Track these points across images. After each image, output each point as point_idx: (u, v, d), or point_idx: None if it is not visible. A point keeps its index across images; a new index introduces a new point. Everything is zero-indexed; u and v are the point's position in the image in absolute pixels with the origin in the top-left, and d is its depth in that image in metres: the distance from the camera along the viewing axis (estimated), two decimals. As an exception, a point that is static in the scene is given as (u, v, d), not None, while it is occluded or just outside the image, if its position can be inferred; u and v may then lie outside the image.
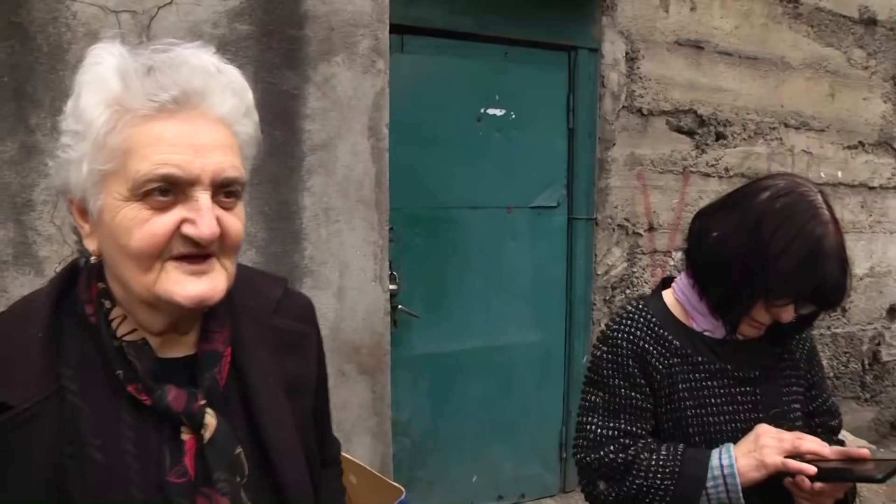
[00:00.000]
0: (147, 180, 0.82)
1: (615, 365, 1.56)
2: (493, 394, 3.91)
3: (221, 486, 0.89)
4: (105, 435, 0.86)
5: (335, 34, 2.90)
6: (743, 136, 4.47)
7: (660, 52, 4.12)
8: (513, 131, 3.76)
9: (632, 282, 4.22)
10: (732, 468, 1.42)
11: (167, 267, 0.85)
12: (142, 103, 0.83)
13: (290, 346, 1.06)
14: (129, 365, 0.88)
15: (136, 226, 0.83)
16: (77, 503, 0.83)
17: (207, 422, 0.90)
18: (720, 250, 1.49)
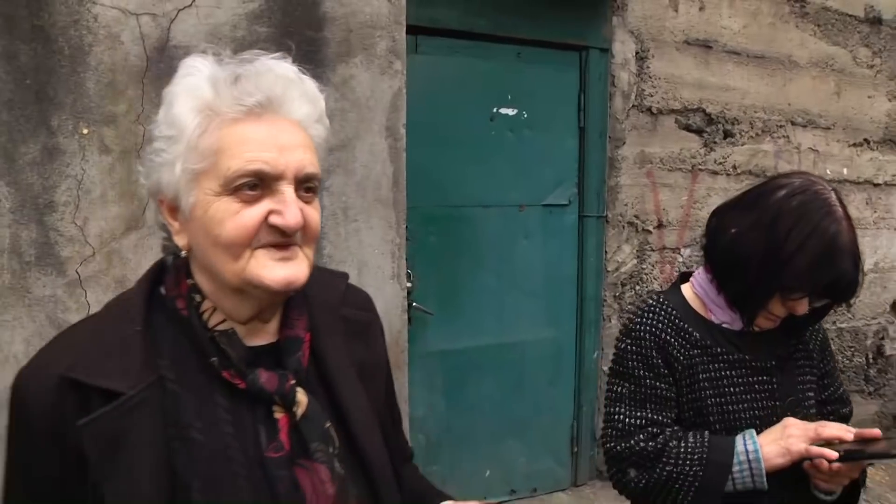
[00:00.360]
0: (238, 175, 0.89)
1: (639, 356, 1.62)
2: (505, 390, 3.95)
3: (318, 456, 0.98)
4: (204, 418, 0.93)
5: (353, 36, 2.94)
6: (750, 134, 4.51)
7: (669, 51, 4.16)
8: (525, 130, 3.81)
9: (641, 278, 4.26)
10: (758, 454, 1.48)
11: (256, 254, 0.91)
12: (231, 107, 0.91)
13: (357, 334, 1.13)
14: (221, 353, 0.95)
15: (227, 217, 0.90)
16: (187, 481, 0.89)
17: (299, 399, 0.98)
18: (738, 247, 1.54)
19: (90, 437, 0.86)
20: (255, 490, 0.93)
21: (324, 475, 0.98)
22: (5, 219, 2.60)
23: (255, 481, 0.93)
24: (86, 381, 0.87)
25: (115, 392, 0.87)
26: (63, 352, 0.92)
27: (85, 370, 0.88)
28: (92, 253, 2.71)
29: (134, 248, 2.76)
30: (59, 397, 0.88)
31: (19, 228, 2.62)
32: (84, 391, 0.88)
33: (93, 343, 0.92)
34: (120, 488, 0.85)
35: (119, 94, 2.71)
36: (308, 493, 0.96)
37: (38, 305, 2.65)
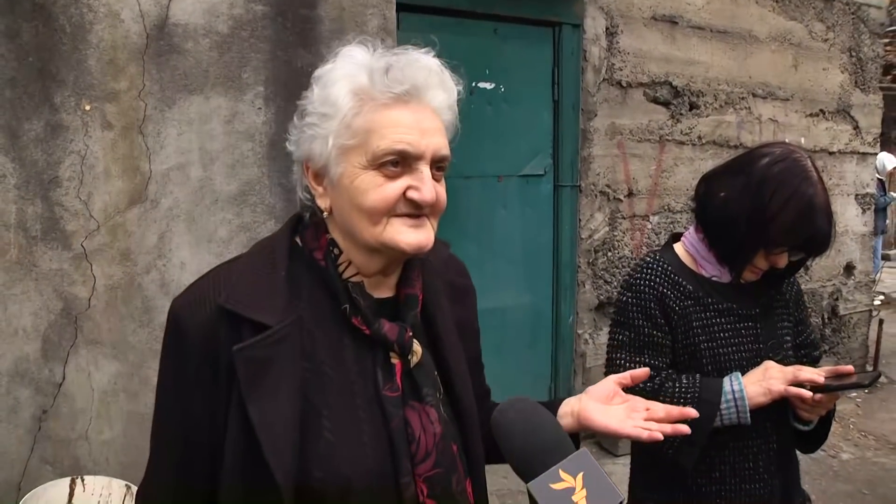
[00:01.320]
0: (385, 153, 1.01)
1: (639, 307, 1.81)
2: (486, 354, 4.05)
3: (429, 399, 1.11)
4: (333, 356, 1.06)
5: (346, 14, 3.05)
6: (714, 106, 4.72)
7: (637, 27, 4.34)
8: (502, 104, 3.96)
9: (613, 245, 4.46)
10: (742, 393, 1.69)
11: (392, 221, 1.04)
12: (383, 93, 1.02)
13: (459, 296, 1.27)
14: (352, 301, 1.07)
15: (372, 188, 1.02)
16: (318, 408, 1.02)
17: (415, 349, 1.10)
18: (727, 209, 1.73)
19: (242, 361, 0.97)
20: (372, 422, 1.05)
21: (433, 416, 1.10)
22: (11, 194, 2.67)
23: (372, 414, 1.05)
24: (241, 313, 0.99)
25: (264, 325, 0.99)
26: (220, 285, 1.03)
27: (239, 303, 1.00)
28: (97, 227, 2.79)
29: (137, 222, 2.84)
30: (215, 326, 1.00)
31: (25, 204, 2.69)
32: (237, 321, 0.99)
33: (244, 281, 1.04)
34: (263, 407, 0.97)
35: (120, 71, 2.79)
36: (416, 429, 1.07)
37: (45, 279, 2.73)
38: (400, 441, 1.06)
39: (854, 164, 5.67)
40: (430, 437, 1.09)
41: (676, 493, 1.81)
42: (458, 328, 1.23)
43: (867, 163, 5.79)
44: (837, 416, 4.89)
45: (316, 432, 1.02)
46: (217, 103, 2.91)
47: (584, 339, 4.43)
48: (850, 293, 5.83)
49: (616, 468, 4.11)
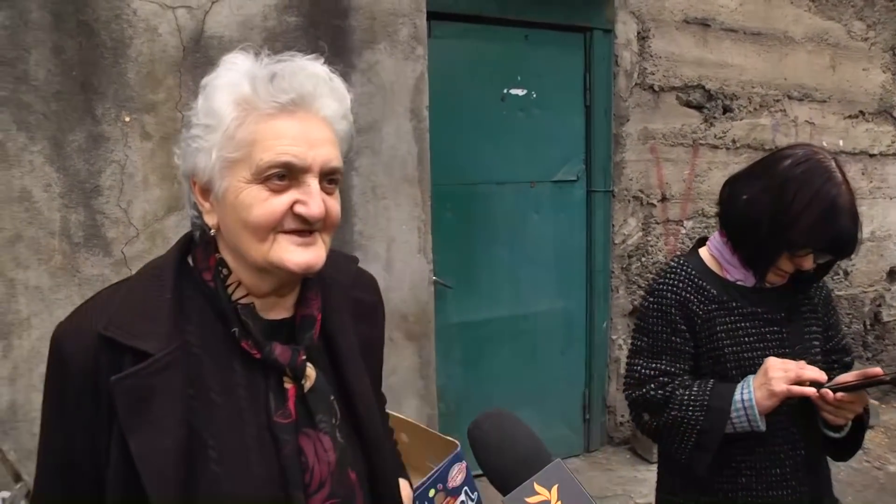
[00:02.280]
0: (270, 166, 0.97)
1: (660, 313, 1.81)
2: (520, 360, 4.14)
3: (323, 426, 1.07)
4: (222, 382, 1.01)
5: (377, 23, 3.10)
6: (749, 109, 4.67)
7: (669, 30, 4.32)
8: (534, 110, 3.98)
9: (647, 250, 4.44)
10: (752, 400, 1.67)
11: (279, 238, 0.99)
12: (267, 103, 0.98)
13: (363, 314, 1.22)
14: (242, 324, 1.03)
15: (256, 203, 0.98)
16: (204, 438, 0.98)
17: (308, 373, 1.06)
18: (750, 211, 1.72)
19: (121, 391, 0.93)
20: (262, 451, 1.01)
21: (327, 444, 1.06)
22: (55, 203, 2.75)
23: (263, 442, 1.01)
24: (121, 341, 0.95)
25: (146, 353, 0.95)
26: (100, 312, 0.99)
27: (119, 330, 0.96)
28: (136, 234, 2.87)
29: (175, 229, 2.91)
30: (95, 354, 0.95)
31: (68, 212, 2.77)
32: (118, 349, 0.95)
33: (127, 306, 0.99)
34: (144, 438, 0.93)
35: (158, 84, 2.86)
36: (310, 457, 1.03)
37: (88, 284, 2.81)
38: (293, 470, 1.02)
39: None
40: (324, 466, 1.05)
41: (702, 498, 1.81)
42: (363, 346, 1.20)
43: (910, 165, 5.67)
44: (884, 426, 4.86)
45: (202, 464, 0.97)
46: (252, 113, 2.97)
47: (618, 344, 4.41)
48: (894, 299, 5.71)
49: (650, 474, 4.09)
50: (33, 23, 2.67)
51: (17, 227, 2.72)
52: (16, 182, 2.70)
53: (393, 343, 3.28)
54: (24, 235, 2.73)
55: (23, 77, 2.68)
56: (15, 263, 2.72)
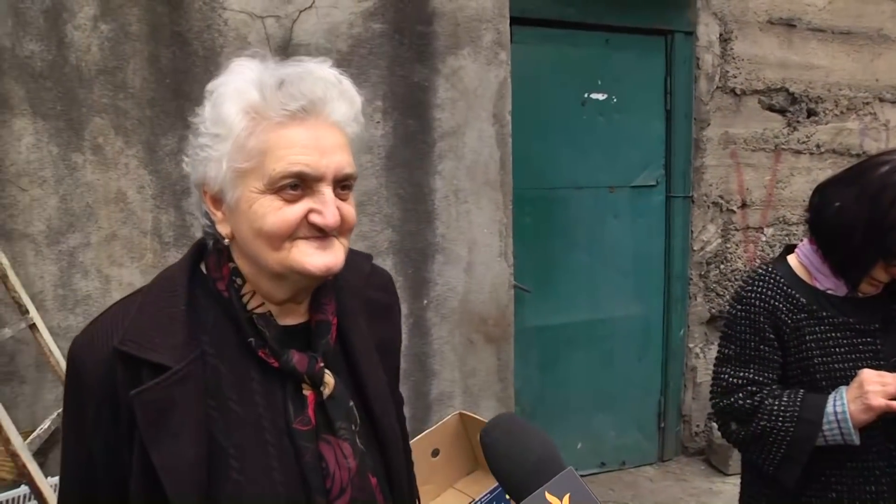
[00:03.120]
0: (282, 177, 0.95)
1: (748, 321, 1.77)
2: (596, 365, 4.10)
3: (342, 433, 1.05)
4: (239, 391, 1.01)
5: (461, 29, 3.12)
6: (835, 113, 4.53)
7: (752, 32, 4.22)
8: (614, 115, 3.94)
9: (725, 257, 4.35)
10: (845, 413, 1.62)
11: (296, 244, 0.98)
12: (276, 112, 0.96)
13: (380, 314, 1.22)
14: (258, 333, 1.02)
15: (270, 213, 0.96)
16: (224, 447, 0.97)
17: (327, 380, 1.05)
18: (843, 218, 1.67)
19: (141, 405, 0.92)
20: (283, 458, 1.00)
21: (347, 450, 1.05)
22: (148, 204, 2.86)
23: (283, 450, 1.00)
24: (137, 354, 0.94)
25: (163, 365, 0.94)
26: (115, 325, 0.97)
27: (135, 344, 0.95)
28: (224, 236, 2.95)
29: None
30: (111, 368, 0.94)
31: (160, 213, 2.88)
32: (134, 363, 0.94)
33: (142, 318, 0.98)
34: (166, 450, 0.92)
35: (247, 90, 2.94)
36: (331, 463, 1.02)
37: (178, 284, 2.90)
38: (313, 476, 1.01)
39: None
40: (344, 472, 1.04)
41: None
42: (380, 347, 1.18)
43: None
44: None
45: (223, 473, 0.97)
46: (337, 118, 3.03)
47: (695, 352, 4.33)
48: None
49: (725, 486, 4.01)
50: (132, 34, 2.78)
51: (112, 227, 2.83)
52: (112, 184, 2.81)
53: (472, 345, 3.29)
54: (119, 234, 2.84)
55: (121, 85, 2.78)
56: (110, 261, 2.83)
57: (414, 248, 3.17)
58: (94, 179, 2.79)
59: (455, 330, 3.29)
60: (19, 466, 2.06)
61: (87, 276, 2.81)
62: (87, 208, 2.79)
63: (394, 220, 3.12)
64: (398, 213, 3.12)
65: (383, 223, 3.11)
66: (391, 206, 3.12)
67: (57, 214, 2.76)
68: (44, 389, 2.79)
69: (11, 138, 2.69)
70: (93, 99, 2.76)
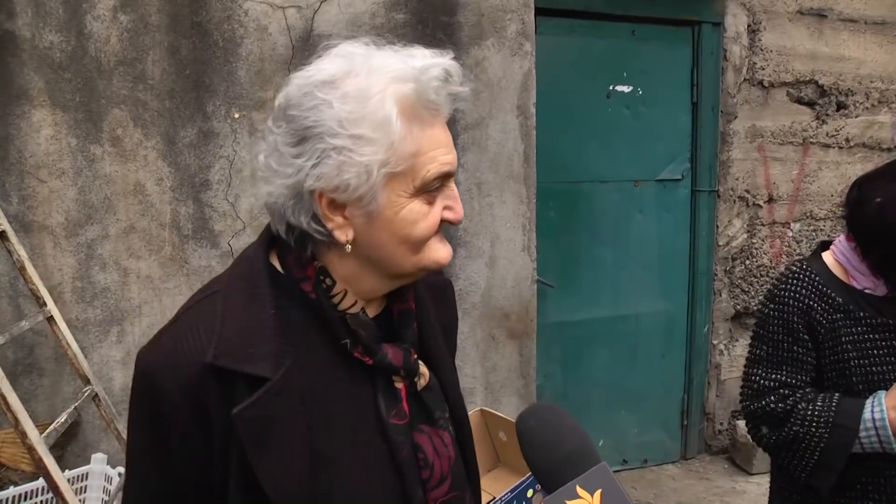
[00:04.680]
0: (435, 178, 0.92)
1: (781, 321, 1.71)
2: (619, 362, 4.05)
3: (441, 423, 1.04)
4: (332, 394, 0.96)
5: (485, 20, 3.06)
6: (865, 106, 4.43)
7: (781, 22, 4.13)
8: (640, 107, 3.87)
9: (751, 253, 4.27)
10: (885, 420, 1.56)
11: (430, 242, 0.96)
12: (428, 110, 0.91)
13: (439, 297, 1.19)
14: (353, 334, 0.97)
15: (420, 218, 0.93)
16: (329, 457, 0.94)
17: (422, 371, 1.03)
18: (884, 215, 1.61)
19: (244, 424, 0.87)
20: (377, 455, 0.97)
21: (447, 439, 1.03)
22: (167, 196, 2.83)
23: (376, 447, 0.98)
24: (234, 369, 0.88)
25: (260, 377, 0.88)
26: (204, 337, 0.90)
27: (230, 358, 0.88)
28: (242, 227, 2.92)
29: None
30: (204, 383, 0.88)
31: (178, 205, 2.85)
32: (228, 377, 0.88)
33: (232, 327, 0.91)
34: (272, 467, 0.88)
35: (267, 81, 2.90)
36: (430, 454, 1.00)
37: (195, 275, 2.88)
38: (410, 470, 0.99)
39: None
40: (444, 461, 1.02)
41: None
42: (444, 330, 1.16)
43: None
44: None
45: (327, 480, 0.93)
46: (359, 110, 2.98)
47: (720, 349, 4.26)
48: None
49: (749, 486, 3.94)
50: (152, 25, 2.74)
51: (131, 219, 2.80)
52: (131, 176, 2.79)
53: (494, 340, 3.25)
54: (138, 227, 2.81)
55: (140, 76, 2.75)
56: (129, 253, 2.81)
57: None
58: (112, 171, 2.77)
59: (477, 325, 3.24)
60: (35, 460, 2.03)
61: (106, 268, 2.79)
62: (105, 200, 2.77)
63: (414, 213, 3.07)
64: (419, 206, 3.07)
65: (405, 217, 3.06)
66: (412, 199, 3.07)
67: (75, 206, 2.74)
68: (62, 382, 2.78)
69: (30, 130, 2.67)
70: (112, 90, 2.74)
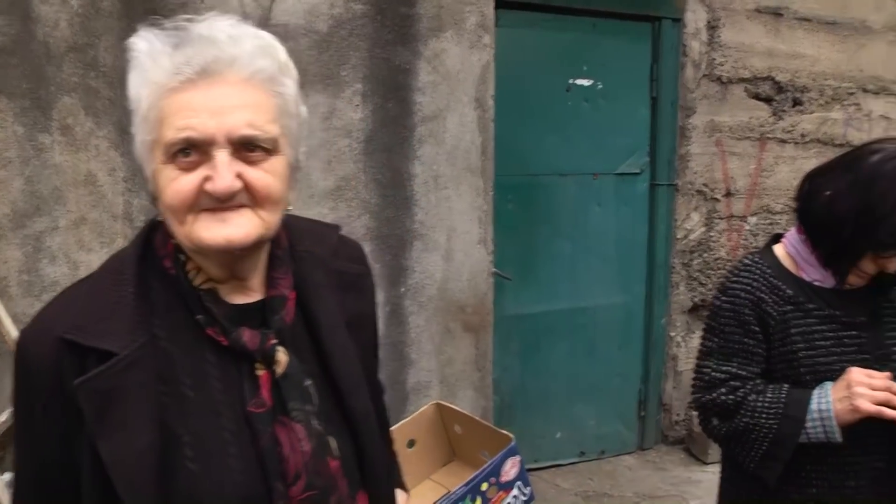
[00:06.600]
0: (172, 144, 0.91)
1: (732, 313, 1.73)
2: (577, 354, 4.08)
3: (296, 414, 1.01)
4: (194, 374, 0.97)
5: (444, 11, 3.05)
6: (820, 102, 4.50)
7: (740, 20, 4.18)
8: (599, 101, 3.89)
9: (709, 246, 4.32)
10: (830, 412, 1.58)
11: (200, 217, 0.93)
12: (170, 78, 0.91)
13: (349, 286, 1.16)
14: (206, 310, 0.98)
15: (168, 184, 0.92)
16: (178, 435, 0.94)
17: (279, 358, 1.01)
18: (833, 208, 1.63)
19: (86, 395, 0.89)
20: (239, 443, 0.97)
21: (300, 433, 1.01)
22: (119, 187, 2.78)
23: (239, 434, 0.97)
24: (82, 342, 0.91)
25: (109, 352, 0.91)
26: (61, 313, 0.95)
27: (81, 332, 0.92)
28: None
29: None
30: (58, 357, 0.91)
31: (131, 196, 2.80)
32: (81, 352, 0.91)
33: (89, 304, 0.95)
34: (114, 441, 0.89)
35: (223, 70, 2.85)
36: (286, 448, 0.99)
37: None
38: (271, 461, 0.98)
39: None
40: (298, 456, 1.00)
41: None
42: (351, 321, 1.13)
43: None
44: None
45: (178, 462, 0.93)
46: (315, 100, 2.95)
47: (677, 341, 4.32)
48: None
49: (705, 476, 4.00)
50: (104, 10, 2.68)
51: (81, 210, 2.75)
52: (82, 166, 2.73)
53: (450, 333, 3.25)
54: (89, 218, 2.76)
55: (92, 63, 2.69)
56: (79, 246, 2.76)
57: (392, 234, 3.11)
58: (62, 161, 2.71)
59: (433, 318, 3.24)
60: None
61: (55, 261, 2.73)
62: (55, 191, 2.70)
63: (371, 205, 3.06)
64: (376, 198, 3.06)
65: (361, 209, 3.05)
66: (369, 191, 3.05)
67: (22, 197, 2.67)
68: (5, 380, 2.72)
69: (-25, 117, 2.60)
70: (62, 77, 2.67)
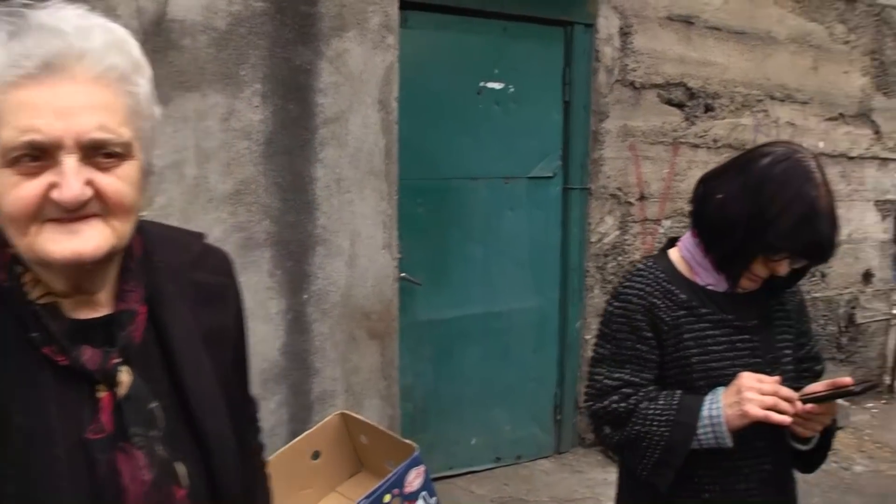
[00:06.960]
0: (13, 147, 0.82)
1: (625, 319, 1.70)
2: (491, 359, 4.05)
3: (137, 440, 0.91)
4: (25, 399, 0.87)
5: (347, 10, 2.99)
6: (730, 109, 4.61)
7: (652, 27, 4.23)
8: (511, 104, 3.88)
9: (623, 249, 4.37)
10: (720, 418, 1.58)
11: (45, 227, 0.84)
12: (7, 71, 0.82)
13: (209, 299, 1.07)
14: (43, 327, 0.88)
15: (7, 191, 0.83)
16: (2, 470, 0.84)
17: (121, 379, 0.92)
18: (725, 211, 1.63)
19: None
20: (72, 474, 0.87)
21: (140, 461, 0.91)
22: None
23: (73, 465, 0.87)
24: None
25: None
26: None
27: None
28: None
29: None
30: None
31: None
32: None
33: None
34: None
35: (114, 68, 2.74)
36: (125, 478, 0.90)
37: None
38: (109, 492, 0.89)
39: (874, 169, 5.52)
40: (138, 486, 0.91)
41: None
42: (209, 337, 1.04)
43: (888, 168, 5.64)
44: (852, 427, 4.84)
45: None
46: (214, 101, 2.85)
47: (592, 345, 4.34)
48: (868, 301, 5.69)
49: (622, 478, 4.04)
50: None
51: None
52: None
53: (355, 341, 3.19)
54: None
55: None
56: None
57: (293, 239, 3.03)
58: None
59: (337, 326, 3.17)
60: None
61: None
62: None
63: (272, 210, 2.97)
64: (277, 202, 2.98)
65: (261, 213, 2.96)
66: (269, 195, 2.97)
67: None
68: None
69: None
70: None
